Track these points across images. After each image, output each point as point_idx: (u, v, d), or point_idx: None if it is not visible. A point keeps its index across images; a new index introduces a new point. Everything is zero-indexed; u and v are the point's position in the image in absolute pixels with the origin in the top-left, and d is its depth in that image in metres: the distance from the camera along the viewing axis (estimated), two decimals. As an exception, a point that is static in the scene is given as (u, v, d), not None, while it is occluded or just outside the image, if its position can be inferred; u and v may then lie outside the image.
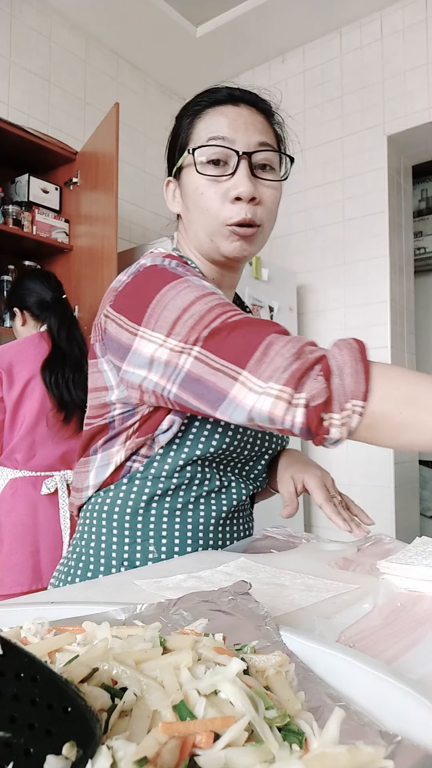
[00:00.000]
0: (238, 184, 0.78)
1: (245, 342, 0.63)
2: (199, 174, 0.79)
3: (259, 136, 0.80)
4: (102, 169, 2.42)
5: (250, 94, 0.83)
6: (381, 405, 0.57)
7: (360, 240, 2.92)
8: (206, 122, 0.80)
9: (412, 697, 0.31)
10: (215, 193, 0.79)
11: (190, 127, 0.82)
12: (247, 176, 0.78)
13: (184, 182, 0.83)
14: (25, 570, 1.72)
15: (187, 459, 0.78)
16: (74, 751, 0.23)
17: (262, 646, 0.37)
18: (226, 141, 0.78)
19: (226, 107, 0.80)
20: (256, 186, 0.79)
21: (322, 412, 0.58)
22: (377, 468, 2.83)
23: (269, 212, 0.82)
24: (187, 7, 2.89)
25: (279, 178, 0.83)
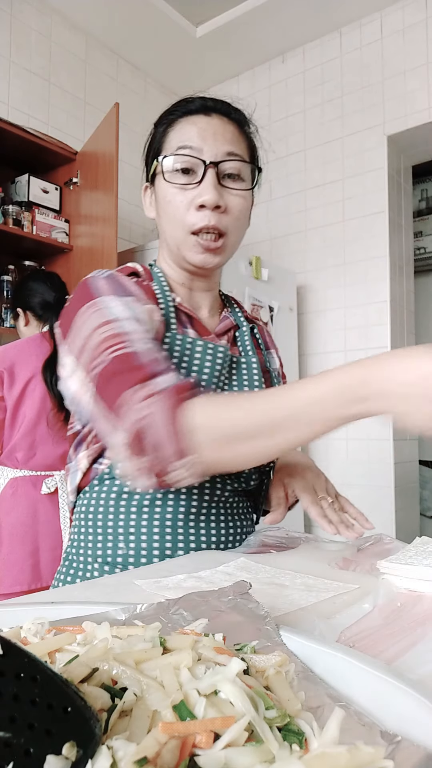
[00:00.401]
0: (203, 192, 0.80)
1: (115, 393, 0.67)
2: (167, 182, 0.81)
3: (227, 146, 0.81)
4: (102, 169, 2.42)
5: (222, 104, 0.85)
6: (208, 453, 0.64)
7: (360, 240, 2.92)
8: (177, 131, 0.82)
9: (412, 697, 0.31)
10: (182, 201, 0.81)
11: (163, 135, 0.84)
12: (212, 185, 0.79)
13: (157, 192, 0.86)
14: (25, 569, 1.72)
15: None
16: (74, 751, 0.23)
17: (262, 646, 0.37)
18: (193, 150, 0.80)
19: (198, 117, 0.82)
20: (222, 194, 0.81)
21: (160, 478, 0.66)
22: (377, 468, 2.83)
23: (236, 220, 0.83)
24: (187, 7, 2.89)
25: (247, 187, 0.84)
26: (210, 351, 0.82)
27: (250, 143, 0.87)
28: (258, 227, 3.27)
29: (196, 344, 0.82)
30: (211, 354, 0.82)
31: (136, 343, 0.70)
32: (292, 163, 3.17)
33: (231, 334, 0.93)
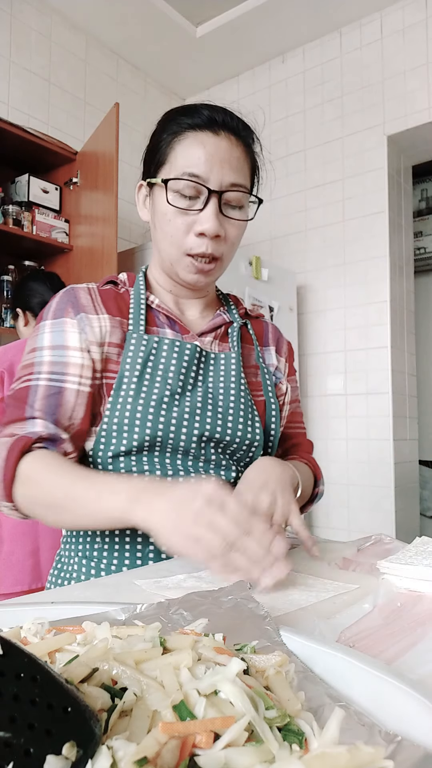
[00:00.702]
0: (204, 221, 0.80)
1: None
2: (169, 203, 0.81)
3: (232, 176, 0.81)
4: (102, 169, 2.42)
5: (231, 119, 0.83)
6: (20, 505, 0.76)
7: (360, 240, 2.92)
8: (184, 148, 0.81)
9: (412, 697, 0.31)
10: (182, 224, 0.82)
11: (169, 147, 0.83)
12: (214, 214, 0.80)
13: (154, 200, 0.86)
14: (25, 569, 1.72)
15: (115, 452, 0.81)
16: (74, 751, 0.23)
17: (262, 646, 0.37)
18: (200, 179, 0.80)
19: (206, 135, 0.80)
20: (222, 224, 0.82)
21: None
22: (377, 468, 2.83)
23: (231, 246, 0.86)
24: (187, 7, 2.89)
25: (246, 217, 0.86)
26: (176, 349, 0.84)
27: (253, 167, 0.88)
28: (258, 227, 3.27)
29: (163, 343, 0.84)
30: (177, 352, 0.84)
31: (41, 378, 0.81)
32: (292, 163, 3.17)
33: (221, 331, 0.94)
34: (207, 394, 0.86)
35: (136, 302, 0.89)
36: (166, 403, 0.82)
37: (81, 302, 0.85)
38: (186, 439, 0.82)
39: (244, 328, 0.99)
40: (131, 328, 0.86)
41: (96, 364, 0.83)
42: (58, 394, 0.80)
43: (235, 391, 0.88)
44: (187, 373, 0.85)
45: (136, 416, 0.80)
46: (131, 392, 0.81)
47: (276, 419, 0.94)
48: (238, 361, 0.90)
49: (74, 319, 0.83)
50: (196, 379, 0.86)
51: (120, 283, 0.92)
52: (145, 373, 0.82)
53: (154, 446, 0.81)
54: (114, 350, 0.84)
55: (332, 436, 2.99)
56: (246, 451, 0.88)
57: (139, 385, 0.82)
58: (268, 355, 1.01)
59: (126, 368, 0.82)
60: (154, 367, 0.83)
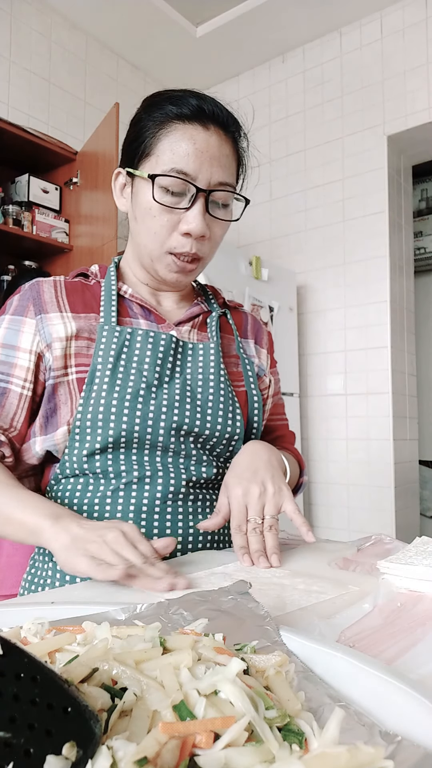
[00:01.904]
0: (190, 220, 0.78)
1: None
2: (154, 199, 0.78)
3: (221, 174, 0.79)
4: (102, 169, 2.42)
5: (221, 111, 0.80)
6: None
7: (360, 240, 2.92)
8: (172, 141, 0.77)
9: (412, 697, 0.31)
10: (167, 221, 0.79)
11: (154, 138, 0.79)
12: (201, 214, 0.78)
13: (137, 193, 0.82)
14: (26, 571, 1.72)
15: (90, 450, 0.78)
16: (74, 751, 0.23)
17: (262, 646, 0.37)
18: (188, 176, 0.77)
19: (195, 128, 0.77)
20: (208, 223, 0.80)
21: None
22: (377, 468, 2.83)
23: (214, 245, 0.85)
24: (187, 7, 2.89)
25: (230, 216, 0.84)
26: (151, 339, 0.82)
27: (239, 163, 0.85)
28: (258, 227, 3.27)
29: (136, 334, 0.82)
30: (152, 342, 0.82)
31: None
32: (292, 163, 3.17)
33: (199, 320, 0.92)
34: (185, 385, 0.83)
35: (107, 294, 0.86)
36: (142, 396, 0.79)
37: (44, 299, 0.83)
38: (164, 433, 0.80)
39: (224, 318, 0.96)
40: (102, 320, 0.83)
41: (57, 362, 0.80)
42: (1, 395, 0.79)
43: (215, 382, 0.85)
44: (164, 364, 0.82)
45: (111, 411, 0.77)
46: (105, 386, 0.78)
47: (258, 411, 0.91)
48: (218, 350, 0.88)
49: (33, 319, 0.81)
50: (173, 370, 0.83)
51: (91, 275, 0.90)
52: (119, 365, 0.80)
53: (131, 442, 0.78)
54: (83, 344, 0.82)
55: (332, 436, 2.99)
56: (226, 445, 0.86)
57: (112, 378, 0.79)
58: (248, 346, 0.98)
59: (98, 361, 0.79)
60: (128, 359, 0.80)
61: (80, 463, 0.79)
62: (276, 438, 1.02)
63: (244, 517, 0.74)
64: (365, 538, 0.84)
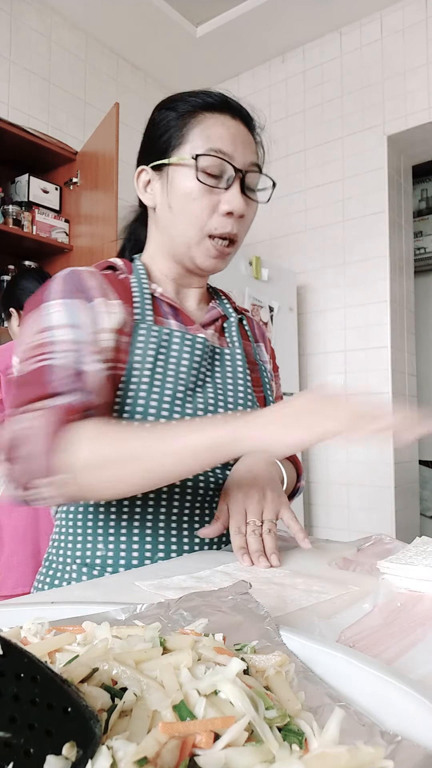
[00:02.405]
0: (231, 200, 0.80)
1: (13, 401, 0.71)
2: (197, 181, 0.79)
3: (252, 156, 0.83)
4: (102, 169, 2.43)
5: (242, 107, 0.85)
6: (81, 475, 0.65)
7: (360, 240, 2.92)
8: (205, 128, 0.80)
9: (412, 697, 0.31)
10: (208, 203, 0.80)
11: (185, 126, 0.81)
12: (239, 193, 0.81)
13: (174, 181, 0.82)
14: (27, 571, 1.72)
15: None
16: (74, 752, 0.23)
17: (262, 646, 0.37)
18: (226, 155, 0.79)
19: (224, 117, 0.81)
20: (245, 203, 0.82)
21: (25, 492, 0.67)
22: (377, 468, 2.83)
23: (246, 228, 0.86)
24: (187, 7, 2.89)
25: (260, 198, 0.87)
26: (188, 342, 0.82)
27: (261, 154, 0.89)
28: (258, 227, 3.27)
29: (173, 335, 0.81)
30: (189, 345, 0.82)
31: (57, 356, 0.71)
32: (292, 163, 3.17)
33: (218, 325, 0.92)
34: (217, 391, 0.84)
35: (139, 290, 0.84)
36: (180, 399, 0.79)
37: (88, 285, 0.78)
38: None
39: (240, 324, 0.97)
40: (138, 317, 0.81)
41: (108, 353, 0.76)
42: (80, 373, 0.72)
43: (243, 388, 0.87)
44: (199, 368, 0.82)
45: (149, 412, 0.76)
46: (143, 386, 0.77)
47: None
48: (243, 356, 0.89)
49: (87, 303, 0.77)
50: (206, 375, 0.84)
51: (119, 269, 0.86)
52: (157, 366, 0.79)
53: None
54: (124, 339, 0.79)
55: (332, 436, 2.98)
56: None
57: (151, 379, 0.78)
58: (261, 351, 0.99)
59: (136, 360, 0.78)
60: (165, 360, 0.80)
61: None
62: None
63: (243, 519, 0.75)
64: (365, 538, 0.84)
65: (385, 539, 0.84)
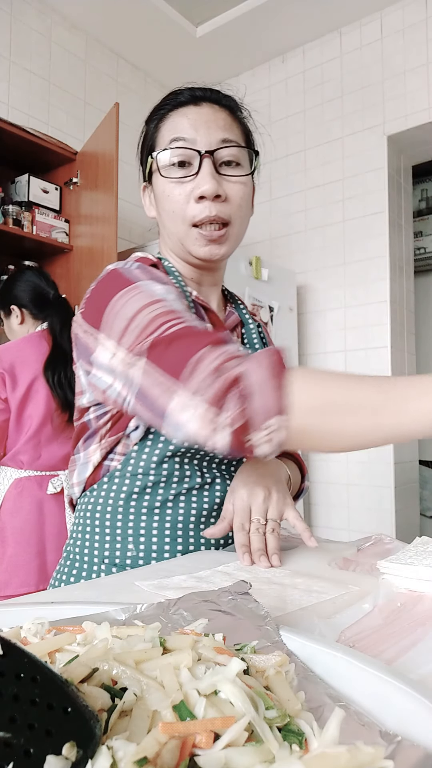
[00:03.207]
0: (201, 183, 0.78)
1: (180, 355, 0.62)
2: (163, 177, 0.80)
3: (221, 133, 0.80)
4: (102, 169, 2.42)
5: (212, 92, 0.83)
6: (300, 418, 0.58)
7: (360, 240, 2.92)
8: (169, 125, 0.81)
9: (413, 697, 0.31)
10: (180, 194, 0.80)
11: (156, 131, 0.83)
12: (210, 174, 0.78)
13: (155, 189, 0.84)
14: (31, 570, 1.72)
15: (162, 455, 0.78)
16: (74, 752, 0.23)
17: (262, 646, 0.37)
18: (187, 142, 0.78)
19: (188, 108, 0.81)
20: (220, 183, 0.79)
21: (243, 435, 0.59)
22: (377, 468, 2.83)
23: (238, 208, 0.81)
24: (187, 7, 2.89)
25: (246, 172, 0.82)
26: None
27: (245, 128, 0.86)
28: (258, 227, 3.27)
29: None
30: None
31: (192, 321, 0.66)
32: (292, 163, 3.17)
33: (238, 330, 0.92)
34: None
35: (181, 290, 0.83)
36: None
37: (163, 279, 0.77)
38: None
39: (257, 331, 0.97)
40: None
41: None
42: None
43: None
44: None
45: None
46: None
47: None
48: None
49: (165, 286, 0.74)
50: None
51: (159, 267, 0.85)
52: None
53: (199, 450, 0.79)
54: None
55: (332, 436, 2.98)
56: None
57: None
58: None
59: None
60: None
61: (147, 467, 0.79)
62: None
63: (247, 517, 0.74)
64: (365, 538, 0.84)
65: (385, 539, 0.84)
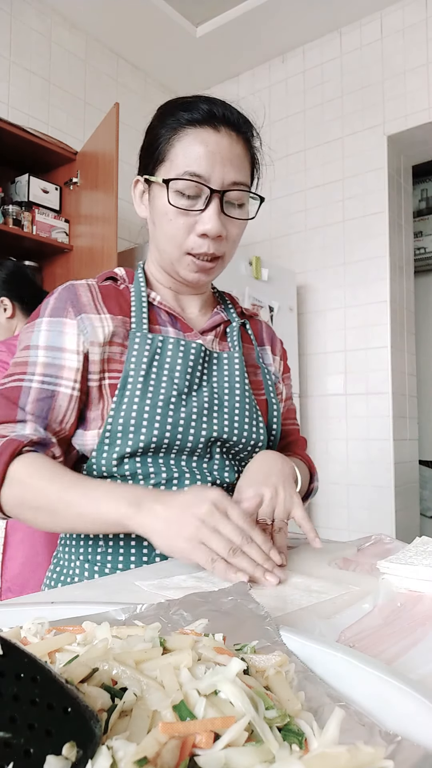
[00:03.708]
0: (206, 221, 0.79)
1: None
2: (169, 203, 0.80)
3: (234, 174, 0.80)
4: (102, 169, 2.42)
5: (231, 113, 0.81)
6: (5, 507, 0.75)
7: (360, 240, 2.92)
8: (184, 145, 0.79)
9: (413, 697, 0.31)
10: (183, 224, 0.80)
11: (168, 144, 0.81)
12: (216, 214, 0.79)
13: (154, 199, 0.84)
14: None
15: (121, 453, 0.79)
16: (74, 752, 0.23)
17: (262, 646, 0.37)
18: (201, 178, 0.78)
19: (206, 131, 0.79)
20: (224, 223, 0.80)
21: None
22: (377, 468, 2.83)
23: (232, 245, 0.85)
24: (187, 7, 2.89)
25: (247, 215, 0.85)
26: (182, 348, 0.83)
27: (253, 162, 0.86)
28: (258, 227, 3.27)
29: (168, 342, 0.83)
30: (183, 351, 0.83)
31: (34, 379, 0.79)
32: (292, 163, 3.17)
33: (220, 330, 0.93)
34: (213, 394, 0.85)
35: (137, 299, 0.87)
36: (173, 403, 0.80)
37: (82, 301, 0.83)
38: (193, 440, 0.81)
39: (242, 328, 0.98)
40: (134, 326, 0.84)
41: (94, 365, 0.81)
42: (50, 398, 0.79)
43: (240, 391, 0.87)
44: (193, 372, 0.84)
45: (143, 416, 0.79)
46: (137, 392, 0.80)
47: (278, 419, 0.93)
48: (242, 360, 0.90)
49: (74, 320, 0.81)
50: (201, 379, 0.85)
51: (120, 279, 0.91)
52: (151, 372, 0.81)
53: (161, 447, 0.80)
54: (117, 349, 0.83)
55: (332, 436, 2.99)
56: (250, 452, 0.88)
57: (145, 385, 0.80)
58: (265, 354, 1.00)
59: (131, 368, 0.81)
60: (159, 366, 0.82)
61: (109, 466, 0.80)
62: (289, 443, 1.03)
63: (254, 517, 0.75)
64: (365, 538, 0.84)
65: (385, 539, 0.84)
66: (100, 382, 0.82)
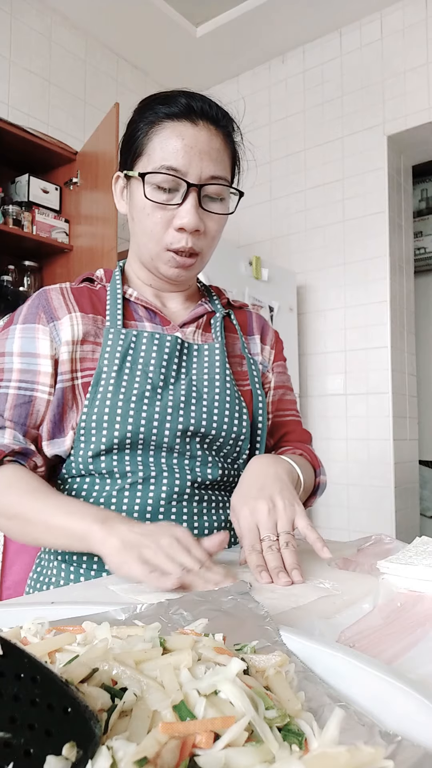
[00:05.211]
0: (183, 215, 0.79)
1: None
2: (146, 198, 0.79)
3: (212, 168, 0.79)
4: (102, 169, 2.42)
5: (210, 107, 0.80)
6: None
7: (360, 240, 2.92)
8: (162, 139, 0.78)
9: (413, 697, 0.31)
10: (161, 218, 0.80)
11: (146, 137, 0.80)
12: (194, 208, 0.78)
13: (132, 193, 0.84)
14: None
15: (96, 449, 0.79)
16: (74, 752, 0.23)
17: (262, 646, 0.37)
18: (178, 172, 0.77)
19: (183, 125, 0.78)
20: (201, 218, 0.80)
21: None
22: (377, 468, 2.83)
23: (211, 240, 0.84)
24: (187, 7, 2.89)
25: (227, 210, 0.84)
26: (156, 341, 0.83)
27: (233, 157, 0.85)
28: (258, 227, 3.27)
29: (142, 336, 0.83)
30: (158, 344, 0.83)
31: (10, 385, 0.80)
32: (292, 163, 3.17)
33: (203, 321, 0.92)
34: (191, 386, 0.83)
35: (112, 297, 0.87)
36: (148, 397, 0.80)
37: (53, 305, 0.83)
38: (170, 434, 0.80)
39: (227, 318, 0.97)
40: (108, 323, 0.84)
41: (64, 365, 0.81)
42: (28, 404, 0.80)
43: (220, 382, 0.85)
44: (169, 365, 0.82)
45: (116, 412, 0.78)
46: (110, 388, 0.79)
47: (263, 411, 0.90)
48: (222, 351, 0.88)
49: (46, 326, 0.82)
50: (179, 371, 0.84)
51: (96, 279, 0.91)
52: (124, 367, 0.80)
53: (137, 443, 0.79)
54: (89, 348, 0.83)
55: (332, 436, 2.99)
56: (233, 445, 0.86)
57: (118, 380, 0.79)
58: (253, 344, 0.98)
59: (104, 364, 0.80)
60: (133, 361, 0.81)
61: (86, 464, 0.80)
62: (284, 435, 0.99)
63: (256, 537, 0.69)
64: (365, 538, 0.84)
65: (385, 539, 0.84)
66: (72, 382, 0.81)
